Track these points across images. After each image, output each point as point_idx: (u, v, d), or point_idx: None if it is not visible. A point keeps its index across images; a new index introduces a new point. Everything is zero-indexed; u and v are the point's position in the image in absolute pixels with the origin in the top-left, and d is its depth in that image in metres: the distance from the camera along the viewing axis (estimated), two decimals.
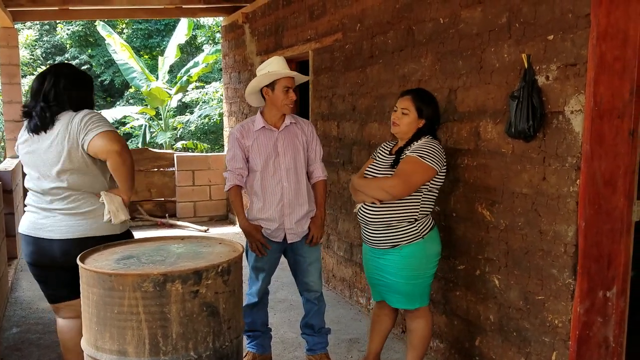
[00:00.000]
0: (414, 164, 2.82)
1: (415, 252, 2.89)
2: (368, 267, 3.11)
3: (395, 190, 2.81)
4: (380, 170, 2.97)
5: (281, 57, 3.26)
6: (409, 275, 2.92)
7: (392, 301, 3.04)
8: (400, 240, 2.89)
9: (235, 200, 3.25)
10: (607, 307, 2.58)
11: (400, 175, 2.82)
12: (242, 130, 3.26)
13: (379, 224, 2.92)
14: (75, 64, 16.97)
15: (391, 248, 2.91)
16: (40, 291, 2.93)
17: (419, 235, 2.89)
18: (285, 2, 5.77)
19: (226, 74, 8.07)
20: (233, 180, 3.24)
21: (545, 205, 2.68)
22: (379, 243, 2.95)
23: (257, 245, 3.20)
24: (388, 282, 2.98)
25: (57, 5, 6.45)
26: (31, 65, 15.70)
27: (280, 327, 4.13)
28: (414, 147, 2.88)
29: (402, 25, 3.74)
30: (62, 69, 2.83)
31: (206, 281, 2.09)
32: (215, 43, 15.58)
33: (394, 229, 2.89)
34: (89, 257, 2.28)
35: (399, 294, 2.98)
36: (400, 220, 2.88)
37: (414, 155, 2.83)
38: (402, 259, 2.90)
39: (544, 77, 2.64)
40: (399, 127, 2.95)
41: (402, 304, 3.02)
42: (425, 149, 2.84)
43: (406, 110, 2.92)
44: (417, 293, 2.97)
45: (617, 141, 2.46)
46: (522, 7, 2.75)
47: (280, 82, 3.16)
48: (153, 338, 2.04)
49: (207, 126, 15.06)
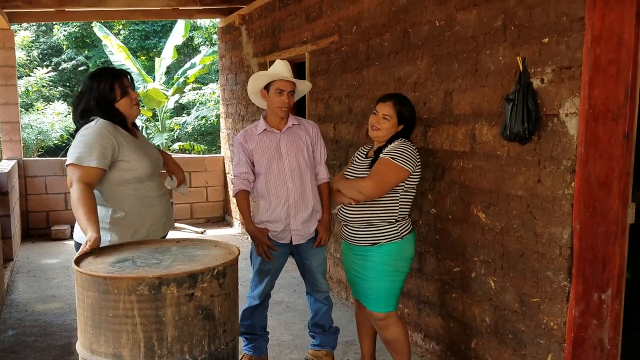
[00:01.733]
0: (386, 165, 2.89)
1: (394, 250, 2.96)
2: (348, 265, 3.16)
3: (367, 191, 2.88)
4: (358, 172, 3.04)
5: (284, 62, 3.29)
6: (386, 271, 2.96)
7: (367, 303, 3.06)
8: (381, 238, 2.95)
9: (241, 204, 3.27)
10: (602, 310, 2.58)
11: (372, 177, 2.90)
12: (246, 135, 3.30)
13: (360, 222, 2.98)
14: (71, 65, 17.03)
15: (371, 246, 2.97)
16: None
17: (399, 236, 2.96)
18: (281, 4, 5.77)
19: (223, 75, 8.07)
20: (239, 185, 3.27)
21: (541, 208, 2.68)
22: (360, 241, 3.00)
23: (263, 248, 3.22)
24: (365, 281, 3.01)
25: (54, 6, 6.43)
26: (27, 66, 15.65)
27: (276, 329, 4.13)
28: (387, 149, 2.94)
29: (398, 27, 3.75)
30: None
31: (201, 284, 2.09)
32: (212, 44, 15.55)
33: (375, 227, 2.95)
34: (84, 260, 2.27)
35: (375, 295, 3.00)
36: (381, 220, 2.94)
37: (387, 157, 2.90)
38: (382, 256, 2.96)
39: (539, 80, 2.65)
40: (379, 132, 2.99)
41: (375, 306, 3.02)
42: (398, 151, 2.90)
43: (388, 116, 2.96)
44: (390, 293, 3.00)
45: (612, 144, 2.47)
46: (517, 10, 2.76)
47: (275, 84, 3.19)
48: (148, 341, 2.03)
49: (204, 127, 15.04)
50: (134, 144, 2.77)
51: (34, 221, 7.39)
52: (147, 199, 2.77)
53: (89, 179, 2.54)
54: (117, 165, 2.67)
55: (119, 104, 2.75)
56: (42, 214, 7.41)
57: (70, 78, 17.57)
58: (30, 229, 7.37)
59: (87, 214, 2.41)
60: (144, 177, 2.76)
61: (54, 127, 12.86)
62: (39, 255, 6.43)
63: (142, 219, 2.74)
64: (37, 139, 12.71)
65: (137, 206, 2.73)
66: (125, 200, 2.71)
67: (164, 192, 2.91)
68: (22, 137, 9.09)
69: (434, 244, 3.49)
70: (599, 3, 2.36)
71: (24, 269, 5.81)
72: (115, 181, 2.68)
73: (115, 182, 2.68)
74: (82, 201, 2.44)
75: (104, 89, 2.72)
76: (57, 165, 7.44)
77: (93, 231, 2.35)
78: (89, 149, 2.57)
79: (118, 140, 2.67)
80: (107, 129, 2.66)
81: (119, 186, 2.69)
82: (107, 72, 2.80)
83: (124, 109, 2.77)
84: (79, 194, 2.46)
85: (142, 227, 2.74)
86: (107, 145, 2.61)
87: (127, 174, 2.70)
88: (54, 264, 6.05)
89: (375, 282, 2.98)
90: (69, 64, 17.20)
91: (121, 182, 2.70)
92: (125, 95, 2.77)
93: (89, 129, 2.64)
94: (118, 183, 2.69)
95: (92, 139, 2.59)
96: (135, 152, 2.73)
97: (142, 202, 2.75)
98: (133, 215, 2.72)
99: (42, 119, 12.92)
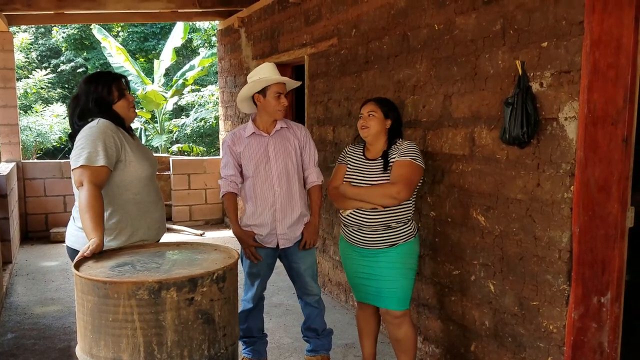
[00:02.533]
0: (410, 167, 2.95)
1: (410, 249, 3.04)
2: (354, 268, 3.14)
3: (402, 196, 2.91)
4: (371, 177, 3.01)
5: (272, 64, 3.28)
6: (403, 270, 3.01)
7: (386, 303, 3.06)
8: (398, 239, 2.99)
9: (228, 206, 3.30)
10: (601, 313, 2.59)
11: (402, 181, 2.92)
12: (234, 138, 3.29)
13: (378, 225, 2.98)
14: (70, 67, 17.02)
15: (388, 247, 2.99)
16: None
17: (412, 234, 3.05)
18: (281, 7, 5.77)
19: (222, 77, 8.08)
20: (226, 187, 3.28)
21: (540, 211, 2.69)
22: (376, 244, 3.00)
23: (250, 250, 3.23)
24: (381, 282, 3.01)
25: (53, 9, 6.44)
26: (26, 68, 15.64)
27: (275, 332, 4.13)
28: (401, 151, 2.99)
29: (397, 31, 3.75)
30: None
31: (201, 288, 2.09)
32: (211, 46, 15.57)
33: (393, 230, 2.98)
34: (84, 264, 2.27)
35: (392, 294, 3.01)
36: (398, 221, 2.98)
37: (407, 159, 2.95)
38: (399, 256, 3.00)
39: (538, 84, 2.65)
40: (369, 129, 3.04)
41: (393, 305, 3.03)
42: (412, 150, 2.99)
43: (373, 112, 3.04)
44: (407, 290, 3.05)
45: (611, 148, 2.47)
46: (516, 14, 2.76)
47: (272, 88, 3.18)
48: (148, 346, 2.03)
49: (203, 129, 15.05)
50: (134, 145, 2.78)
51: (32, 224, 7.39)
52: (144, 204, 2.77)
53: (99, 179, 2.54)
54: (119, 166, 2.67)
55: (117, 106, 2.76)
56: (41, 216, 7.41)
57: (69, 80, 17.57)
58: (29, 232, 7.37)
59: (94, 219, 2.40)
60: (144, 179, 2.76)
61: (52, 129, 12.86)
62: (38, 257, 6.43)
63: (137, 223, 2.74)
64: (36, 141, 12.70)
65: (134, 211, 2.73)
66: (124, 204, 2.70)
67: (160, 198, 2.91)
68: (21, 140, 9.08)
69: (433, 247, 3.50)
70: (597, 7, 2.37)
71: (23, 272, 5.80)
72: (116, 183, 2.68)
73: (116, 184, 2.68)
74: (91, 205, 2.43)
75: (102, 91, 2.72)
76: (56, 168, 7.44)
77: (97, 237, 2.35)
78: (95, 147, 2.56)
79: (120, 140, 2.68)
80: (109, 128, 2.66)
81: (119, 188, 2.69)
82: (103, 75, 2.81)
83: (122, 111, 2.78)
84: (89, 197, 2.45)
85: (137, 232, 2.74)
86: (111, 144, 2.61)
87: (128, 176, 2.70)
88: (53, 266, 6.04)
89: (392, 281, 3.00)
90: (67, 66, 17.20)
91: (122, 184, 2.69)
92: (122, 97, 2.78)
93: (92, 128, 2.63)
94: (119, 185, 2.68)
95: (97, 138, 2.58)
96: (135, 153, 2.73)
97: (139, 207, 2.74)
98: (129, 220, 2.71)
99: (41, 121, 12.92)
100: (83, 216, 2.43)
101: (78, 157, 2.56)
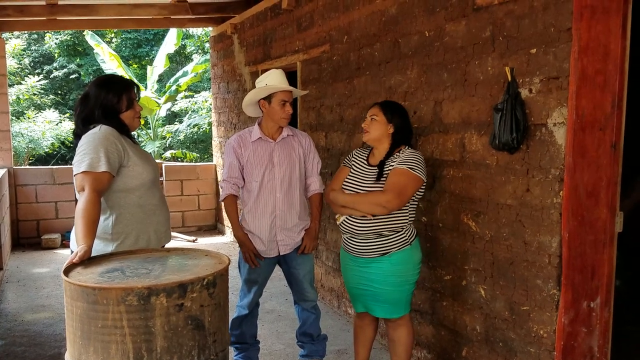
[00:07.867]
0: (405, 176, 2.83)
1: (404, 258, 2.93)
2: (351, 277, 3.09)
3: (391, 205, 2.81)
4: (364, 184, 2.95)
5: (280, 70, 3.26)
6: (396, 282, 2.94)
7: (377, 311, 3.04)
8: (391, 247, 2.91)
9: (230, 209, 3.27)
10: (591, 318, 2.60)
11: (393, 190, 2.82)
12: (239, 140, 3.27)
13: (368, 233, 2.92)
14: (63, 73, 16.97)
15: (380, 256, 2.92)
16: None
17: (407, 242, 2.93)
18: (273, 14, 5.79)
19: (215, 84, 8.08)
20: (228, 189, 3.26)
21: (529, 217, 2.70)
22: (368, 252, 2.95)
23: (250, 255, 3.22)
24: (375, 291, 2.98)
25: (45, 15, 6.42)
26: (19, 74, 15.58)
27: (268, 338, 4.11)
28: (401, 159, 2.88)
29: (388, 37, 3.77)
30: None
31: (191, 294, 2.08)
32: (204, 52, 15.57)
33: (385, 238, 2.91)
34: (74, 270, 2.26)
35: (385, 303, 2.99)
36: (390, 230, 2.90)
37: (404, 167, 2.84)
38: (391, 266, 2.92)
39: (527, 90, 2.67)
40: (370, 134, 2.98)
41: (387, 313, 3.02)
42: (412, 159, 2.87)
43: (374, 116, 2.97)
44: (402, 300, 3.00)
45: (600, 153, 2.50)
46: (505, 22, 2.78)
47: (278, 95, 3.18)
48: (137, 352, 2.02)
49: (196, 135, 15.03)
50: (137, 150, 2.78)
51: (24, 230, 7.35)
52: (150, 207, 2.76)
53: (100, 186, 2.53)
54: (122, 171, 2.67)
55: (124, 115, 2.75)
56: (32, 222, 7.37)
57: (61, 86, 17.52)
58: (20, 238, 7.32)
59: (87, 226, 2.39)
60: (148, 183, 2.76)
61: (45, 135, 12.81)
62: (29, 264, 6.39)
63: (144, 226, 2.74)
64: (28, 147, 12.65)
65: (139, 214, 2.72)
66: (129, 208, 2.70)
67: (164, 202, 2.91)
68: (13, 146, 9.05)
69: (424, 252, 3.49)
70: (585, 14, 2.39)
71: (14, 278, 5.76)
72: (120, 188, 2.67)
73: (120, 189, 2.67)
74: (87, 211, 2.42)
75: (112, 99, 2.72)
76: (47, 174, 7.41)
77: (86, 244, 2.34)
78: (97, 154, 2.56)
79: (123, 146, 2.68)
80: (112, 134, 2.65)
81: (122, 192, 2.68)
82: (116, 82, 2.79)
83: (127, 120, 2.78)
84: (86, 203, 2.44)
85: (143, 235, 2.73)
86: (112, 150, 2.61)
87: (132, 181, 2.69)
88: (44, 273, 6.01)
89: (385, 292, 2.96)
90: (60, 72, 17.15)
91: (126, 189, 2.69)
92: (130, 107, 2.77)
93: (95, 134, 2.63)
94: (123, 189, 2.68)
95: (99, 144, 2.58)
96: (138, 157, 2.73)
97: (144, 210, 2.74)
98: (135, 223, 2.71)
99: (33, 127, 12.86)
100: (77, 221, 2.42)
101: (80, 163, 2.56)
